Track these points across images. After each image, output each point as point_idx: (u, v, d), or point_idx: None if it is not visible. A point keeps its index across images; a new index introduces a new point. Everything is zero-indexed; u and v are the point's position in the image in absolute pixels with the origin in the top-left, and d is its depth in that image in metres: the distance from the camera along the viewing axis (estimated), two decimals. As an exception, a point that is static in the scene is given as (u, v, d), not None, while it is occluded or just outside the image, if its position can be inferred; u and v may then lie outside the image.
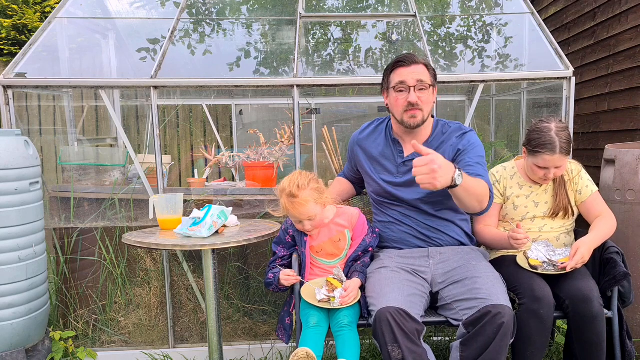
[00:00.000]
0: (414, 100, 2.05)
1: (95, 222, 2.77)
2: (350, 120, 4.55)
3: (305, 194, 2.06)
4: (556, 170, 2.20)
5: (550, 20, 4.97)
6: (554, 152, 2.14)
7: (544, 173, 2.21)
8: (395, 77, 2.11)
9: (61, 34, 3.03)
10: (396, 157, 2.21)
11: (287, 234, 2.22)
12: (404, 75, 2.08)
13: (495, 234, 2.26)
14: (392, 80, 2.12)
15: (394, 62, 2.13)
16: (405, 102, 2.08)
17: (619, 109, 3.85)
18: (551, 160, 2.16)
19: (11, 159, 2.30)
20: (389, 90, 2.15)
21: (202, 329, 2.84)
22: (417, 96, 2.06)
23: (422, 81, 2.07)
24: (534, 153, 2.19)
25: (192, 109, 5.36)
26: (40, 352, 2.52)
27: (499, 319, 1.79)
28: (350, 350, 1.93)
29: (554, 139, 2.14)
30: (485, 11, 3.42)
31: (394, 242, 2.22)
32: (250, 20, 3.38)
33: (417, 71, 2.08)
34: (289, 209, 2.09)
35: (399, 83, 2.09)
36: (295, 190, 2.05)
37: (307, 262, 2.17)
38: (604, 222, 2.21)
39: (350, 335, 1.96)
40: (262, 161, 2.98)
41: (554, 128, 2.16)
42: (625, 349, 2.11)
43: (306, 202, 2.06)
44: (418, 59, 2.10)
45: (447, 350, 2.64)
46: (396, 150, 2.22)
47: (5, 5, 5.16)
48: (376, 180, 2.24)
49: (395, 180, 2.20)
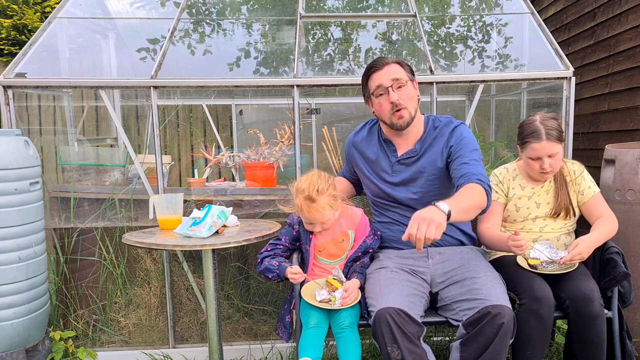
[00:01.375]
0: (394, 99, 2.06)
1: (95, 222, 2.77)
2: (350, 120, 4.55)
3: (324, 199, 2.05)
4: (551, 160, 2.19)
5: (550, 20, 4.97)
6: (539, 138, 2.15)
7: (538, 165, 2.20)
8: (372, 83, 2.14)
9: (61, 34, 3.02)
10: (390, 156, 2.22)
11: (293, 228, 2.22)
12: (379, 78, 2.10)
13: (496, 236, 2.25)
14: (370, 87, 2.15)
15: (366, 70, 2.16)
16: (388, 104, 2.09)
17: (619, 109, 3.85)
18: (540, 148, 2.16)
19: (11, 159, 2.30)
20: (371, 97, 2.17)
21: (202, 329, 2.84)
22: (397, 95, 2.07)
23: (397, 79, 2.08)
24: (524, 145, 2.22)
25: (192, 109, 5.36)
26: (40, 352, 2.52)
27: (498, 319, 1.79)
28: (352, 352, 1.93)
29: (538, 127, 2.17)
30: (485, 11, 3.42)
31: (393, 242, 2.22)
32: (250, 20, 3.38)
33: (390, 71, 2.09)
34: (303, 211, 2.07)
35: (377, 87, 2.11)
36: (315, 195, 2.03)
37: (310, 260, 2.18)
38: (605, 223, 2.21)
39: (352, 337, 1.96)
40: (262, 161, 2.98)
41: (539, 118, 2.20)
42: (625, 349, 2.11)
43: (323, 209, 2.06)
44: (388, 59, 2.13)
45: (447, 350, 2.64)
46: (389, 150, 2.23)
47: (5, 5, 5.17)
48: (373, 181, 2.25)
49: (391, 180, 2.20)
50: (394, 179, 2.20)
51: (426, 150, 2.17)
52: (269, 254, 2.17)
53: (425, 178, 2.16)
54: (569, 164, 2.32)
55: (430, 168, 2.15)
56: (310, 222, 2.12)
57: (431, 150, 2.16)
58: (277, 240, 2.22)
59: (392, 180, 2.20)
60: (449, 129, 2.16)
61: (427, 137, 2.18)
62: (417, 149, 2.18)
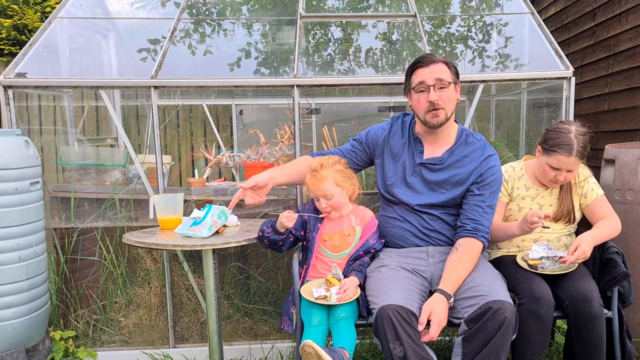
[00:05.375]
0: (434, 99, 2.05)
1: (95, 222, 2.77)
2: (350, 120, 4.55)
3: (326, 172, 2.14)
4: (567, 174, 2.18)
5: (550, 20, 4.97)
6: (570, 153, 2.13)
7: (554, 174, 2.19)
8: (415, 78, 2.11)
9: (61, 34, 3.03)
10: (416, 156, 2.19)
11: (301, 216, 2.21)
12: (423, 75, 2.08)
13: (501, 224, 2.25)
14: (413, 81, 2.12)
15: (413, 64, 2.13)
16: (426, 102, 2.07)
17: (618, 109, 3.85)
18: (566, 162, 2.15)
19: (11, 159, 2.31)
20: (411, 91, 2.15)
21: (202, 328, 2.84)
22: (437, 95, 2.06)
23: (441, 79, 2.06)
24: (550, 152, 2.18)
25: (192, 109, 5.36)
26: (40, 352, 2.52)
27: (500, 315, 1.79)
28: (345, 337, 1.93)
29: (572, 140, 2.14)
30: (485, 11, 3.42)
31: (393, 239, 2.22)
32: (251, 20, 3.39)
33: (436, 70, 2.07)
34: (308, 182, 2.16)
35: (419, 84, 2.09)
36: (318, 167, 2.15)
37: (315, 249, 2.18)
38: (608, 223, 2.21)
39: (346, 325, 1.96)
40: (263, 161, 2.98)
41: (574, 130, 2.16)
42: (625, 349, 2.11)
43: (324, 179, 2.12)
44: (436, 57, 2.10)
45: (447, 349, 2.64)
46: (417, 150, 2.20)
47: (5, 5, 5.17)
48: (388, 175, 2.21)
49: (409, 180, 2.18)
50: (412, 179, 2.18)
51: (453, 165, 2.14)
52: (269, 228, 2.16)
53: (442, 191, 2.15)
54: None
55: (451, 187, 2.13)
56: (317, 197, 2.17)
57: (458, 170, 2.13)
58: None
59: (410, 180, 2.18)
60: (482, 156, 2.14)
61: (457, 150, 2.16)
62: (443, 159, 2.15)
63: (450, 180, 2.13)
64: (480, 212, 2.08)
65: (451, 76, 2.10)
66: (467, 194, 2.12)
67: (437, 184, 2.15)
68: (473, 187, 2.11)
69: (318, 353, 1.78)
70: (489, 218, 2.11)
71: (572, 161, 2.15)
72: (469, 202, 2.11)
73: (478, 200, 2.10)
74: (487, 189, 2.11)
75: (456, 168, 2.14)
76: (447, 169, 2.15)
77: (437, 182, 2.15)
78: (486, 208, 2.10)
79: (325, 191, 2.14)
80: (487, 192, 2.11)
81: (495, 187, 2.14)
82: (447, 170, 2.14)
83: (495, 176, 2.13)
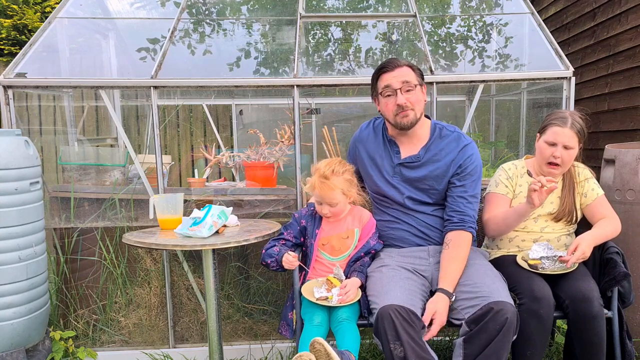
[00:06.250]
0: (402, 102, 2.08)
1: (95, 222, 2.77)
2: (350, 120, 4.55)
3: (337, 180, 2.14)
4: (564, 152, 2.18)
5: (550, 20, 4.97)
6: (564, 124, 2.17)
7: (551, 152, 2.19)
8: (381, 83, 2.14)
9: (61, 34, 3.02)
10: (393, 157, 2.22)
11: (299, 224, 2.23)
12: (389, 79, 2.10)
13: (507, 210, 2.24)
14: (379, 86, 2.15)
15: (378, 69, 2.17)
16: (394, 105, 2.10)
17: (618, 109, 3.85)
18: (561, 133, 2.16)
19: (11, 159, 2.30)
20: (378, 96, 2.18)
21: (202, 328, 2.84)
22: (404, 98, 2.08)
23: (407, 82, 2.09)
24: (545, 129, 2.23)
25: (192, 109, 5.36)
26: (40, 352, 2.52)
27: (501, 315, 1.80)
28: (349, 339, 1.93)
29: (566, 115, 2.21)
30: (485, 11, 3.42)
31: (393, 240, 2.23)
32: (251, 20, 3.39)
33: (401, 73, 2.10)
34: (316, 188, 2.15)
35: (385, 88, 2.12)
36: (329, 174, 2.14)
37: (314, 255, 2.18)
38: (608, 223, 2.21)
39: (349, 326, 1.97)
40: (262, 161, 2.98)
41: (569, 111, 2.27)
42: (625, 349, 2.11)
43: (334, 187, 2.12)
44: (401, 61, 2.13)
45: (447, 350, 2.64)
46: (393, 151, 2.22)
47: (5, 5, 5.17)
48: (374, 179, 2.25)
49: (392, 181, 2.20)
50: (394, 180, 2.20)
51: (430, 160, 2.16)
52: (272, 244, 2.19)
53: (425, 187, 2.17)
54: (579, 168, 2.32)
55: (432, 182, 2.16)
56: (321, 202, 2.16)
57: (436, 164, 2.15)
58: (279, 235, 2.24)
59: (392, 182, 2.20)
60: (458, 146, 2.16)
61: (432, 145, 2.18)
62: (420, 155, 2.17)
63: (430, 176, 2.15)
64: (465, 203, 2.11)
65: (416, 78, 2.12)
66: (449, 187, 2.15)
67: (418, 181, 2.17)
68: (454, 179, 2.14)
69: (327, 351, 1.78)
70: (474, 207, 2.14)
71: (567, 133, 2.16)
72: (452, 194, 2.14)
73: (460, 191, 2.12)
74: (468, 179, 2.13)
75: (434, 162, 2.16)
76: (425, 164, 2.16)
77: (418, 179, 2.17)
78: (470, 198, 2.13)
79: (332, 199, 2.14)
80: (468, 182, 2.13)
81: (475, 175, 2.15)
82: (426, 166, 2.16)
83: (475, 164, 2.15)
